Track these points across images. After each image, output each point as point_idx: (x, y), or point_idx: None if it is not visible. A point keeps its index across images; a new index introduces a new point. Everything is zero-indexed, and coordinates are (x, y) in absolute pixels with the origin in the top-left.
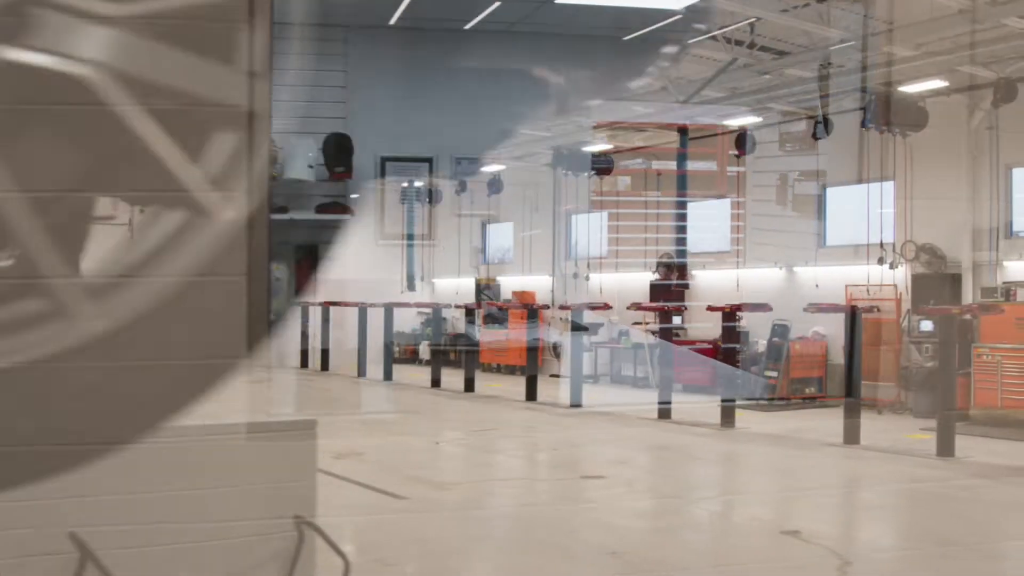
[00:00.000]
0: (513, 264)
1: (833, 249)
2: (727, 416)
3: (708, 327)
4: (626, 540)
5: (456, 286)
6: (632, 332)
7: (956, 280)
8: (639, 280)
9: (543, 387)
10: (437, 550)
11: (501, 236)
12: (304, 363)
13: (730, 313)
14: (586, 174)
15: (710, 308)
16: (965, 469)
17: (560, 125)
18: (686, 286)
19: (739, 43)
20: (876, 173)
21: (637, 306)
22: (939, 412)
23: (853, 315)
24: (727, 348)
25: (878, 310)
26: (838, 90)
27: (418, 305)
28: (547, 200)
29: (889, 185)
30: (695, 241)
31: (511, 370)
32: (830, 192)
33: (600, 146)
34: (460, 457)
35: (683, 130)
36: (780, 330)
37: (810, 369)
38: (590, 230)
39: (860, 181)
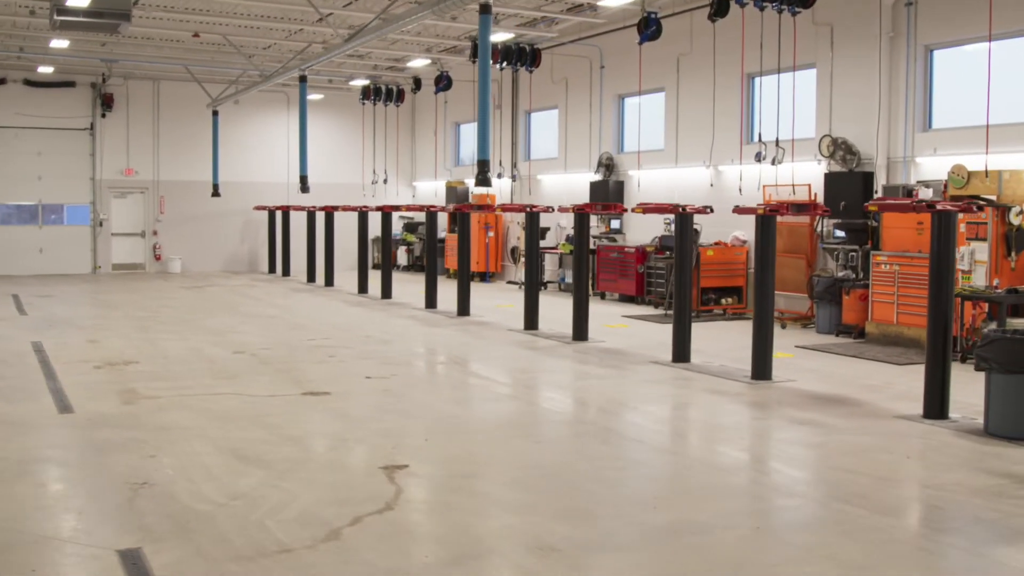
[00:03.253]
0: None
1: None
2: (578, 331)
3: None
4: None
5: (435, 189)
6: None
7: (869, 179)
8: (583, 180)
9: (486, 294)
10: None
11: (470, 137)
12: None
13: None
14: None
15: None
16: (730, 396)
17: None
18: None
19: None
20: (798, 59)
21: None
22: (755, 335)
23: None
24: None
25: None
26: None
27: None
28: (508, 97)
29: (811, 73)
30: (633, 140)
31: (471, 276)
32: (758, 83)
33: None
34: None
35: None
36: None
37: (727, 278)
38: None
39: (781, 70)
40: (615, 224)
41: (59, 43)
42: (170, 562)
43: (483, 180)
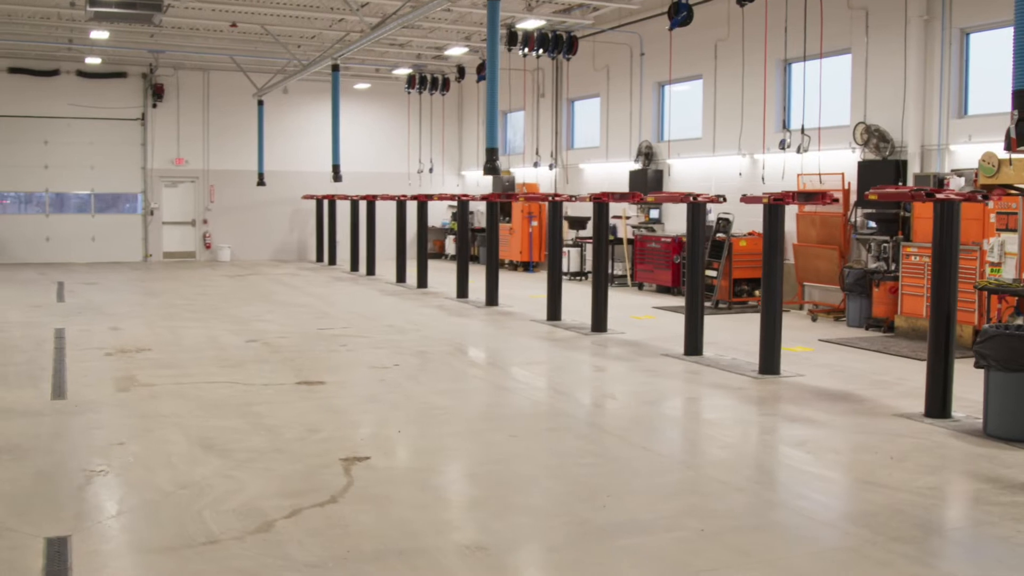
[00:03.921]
0: (525, 155)
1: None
2: (597, 322)
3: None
4: None
5: (482, 178)
6: (619, 227)
7: (902, 167)
8: (624, 169)
9: (524, 283)
10: None
11: (514, 126)
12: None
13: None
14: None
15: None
16: (723, 391)
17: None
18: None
19: None
20: (832, 45)
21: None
22: (763, 329)
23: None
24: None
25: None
26: None
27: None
28: (551, 85)
29: (847, 59)
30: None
31: (514, 266)
32: (794, 69)
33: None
34: None
35: None
36: (723, 225)
37: (758, 269)
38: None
39: (816, 55)
40: (654, 214)
41: (99, 34)
42: (92, 551)
43: (491, 168)
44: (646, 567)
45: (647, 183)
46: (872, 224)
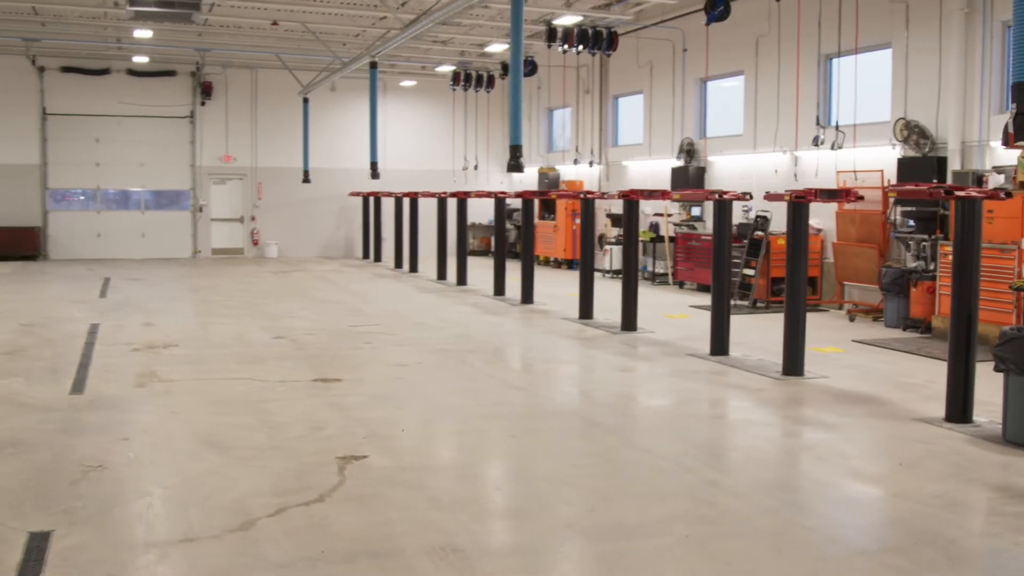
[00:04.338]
0: (570, 152)
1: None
2: (627, 321)
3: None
4: None
5: (531, 175)
6: (660, 224)
7: (942, 164)
8: (666, 167)
9: (564, 281)
10: None
11: (560, 123)
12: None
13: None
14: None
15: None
16: (733, 392)
17: None
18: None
19: None
20: (872, 39)
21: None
22: (787, 329)
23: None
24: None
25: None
26: None
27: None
28: (596, 82)
29: (887, 53)
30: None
31: (558, 264)
32: (835, 64)
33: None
34: None
35: None
36: (761, 222)
37: None
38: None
39: (855, 50)
40: (696, 212)
41: (142, 33)
42: (71, 546)
43: (515, 166)
44: (630, 572)
45: (688, 180)
46: (911, 222)
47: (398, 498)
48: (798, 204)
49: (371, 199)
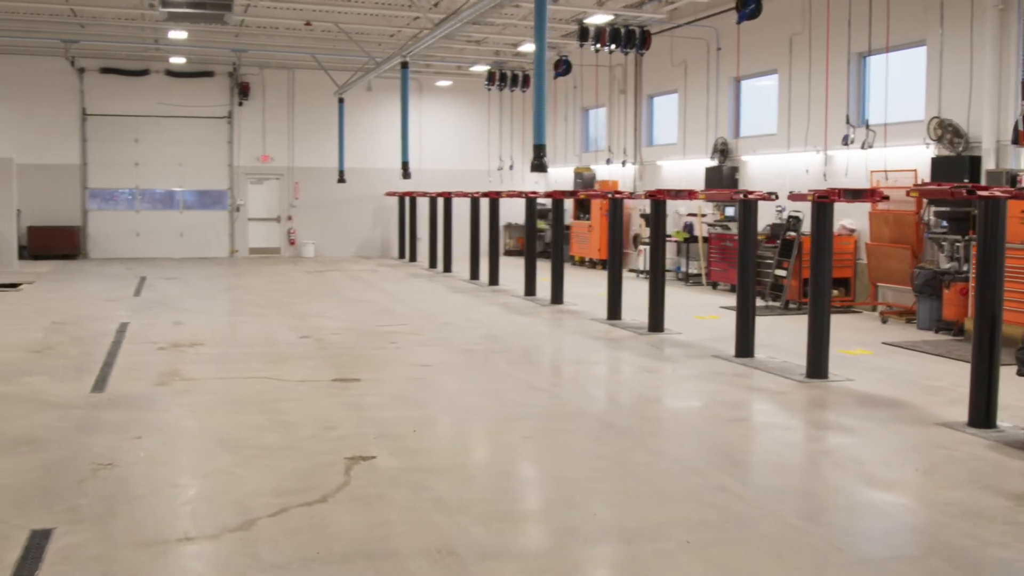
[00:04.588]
0: (604, 152)
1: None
2: (654, 322)
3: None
4: None
5: (567, 175)
6: (695, 224)
7: (976, 163)
8: (700, 167)
9: (597, 281)
10: None
11: (596, 122)
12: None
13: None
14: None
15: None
16: (759, 394)
17: None
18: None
19: None
20: (905, 37)
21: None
22: (810, 330)
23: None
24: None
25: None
26: None
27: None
28: (632, 81)
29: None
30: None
31: (593, 264)
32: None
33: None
34: None
35: None
36: (794, 223)
37: (833, 269)
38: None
39: (887, 48)
40: (729, 212)
41: (177, 34)
42: (70, 544)
43: (538, 165)
44: None
45: (722, 180)
46: (944, 223)
47: (401, 499)
48: (822, 204)
49: (406, 199)
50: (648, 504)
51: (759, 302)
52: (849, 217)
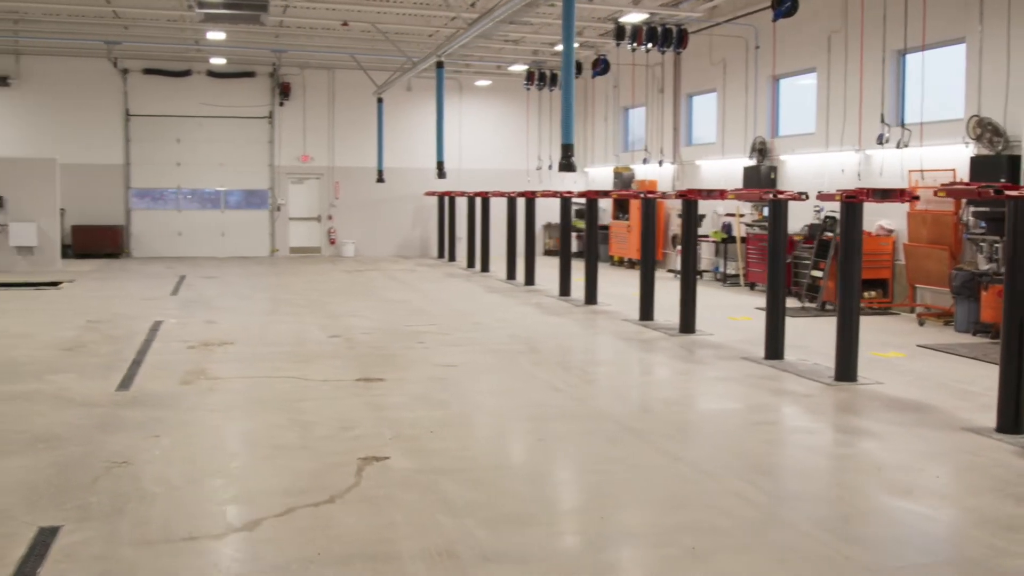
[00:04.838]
0: (641, 152)
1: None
2: (685, 323)
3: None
4: None
5: (607, 174)
6: (733, 224)
7: (1016, 162)
8: (738, 166)
9: (633, 282)
10: None
11: (636, 122)
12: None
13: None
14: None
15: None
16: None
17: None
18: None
19: None
20: (944, 35)
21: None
22: (839, 332)
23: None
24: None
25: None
26: None
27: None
28: (670, 80)
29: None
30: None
31: (632, 264)
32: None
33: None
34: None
35: None
36: (831, 223)
37: (871, 270)
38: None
39: (923, 46)
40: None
41: (215, 35)
42: (76, 542)
43: (566, 165)
44: None
45: (760, 180)
46: (983, 224)
47: (409, 501)
48: (851, 204)
49: (445, 199)
50: (657, 509)
51: (796, 303)
52: (887, 217)
